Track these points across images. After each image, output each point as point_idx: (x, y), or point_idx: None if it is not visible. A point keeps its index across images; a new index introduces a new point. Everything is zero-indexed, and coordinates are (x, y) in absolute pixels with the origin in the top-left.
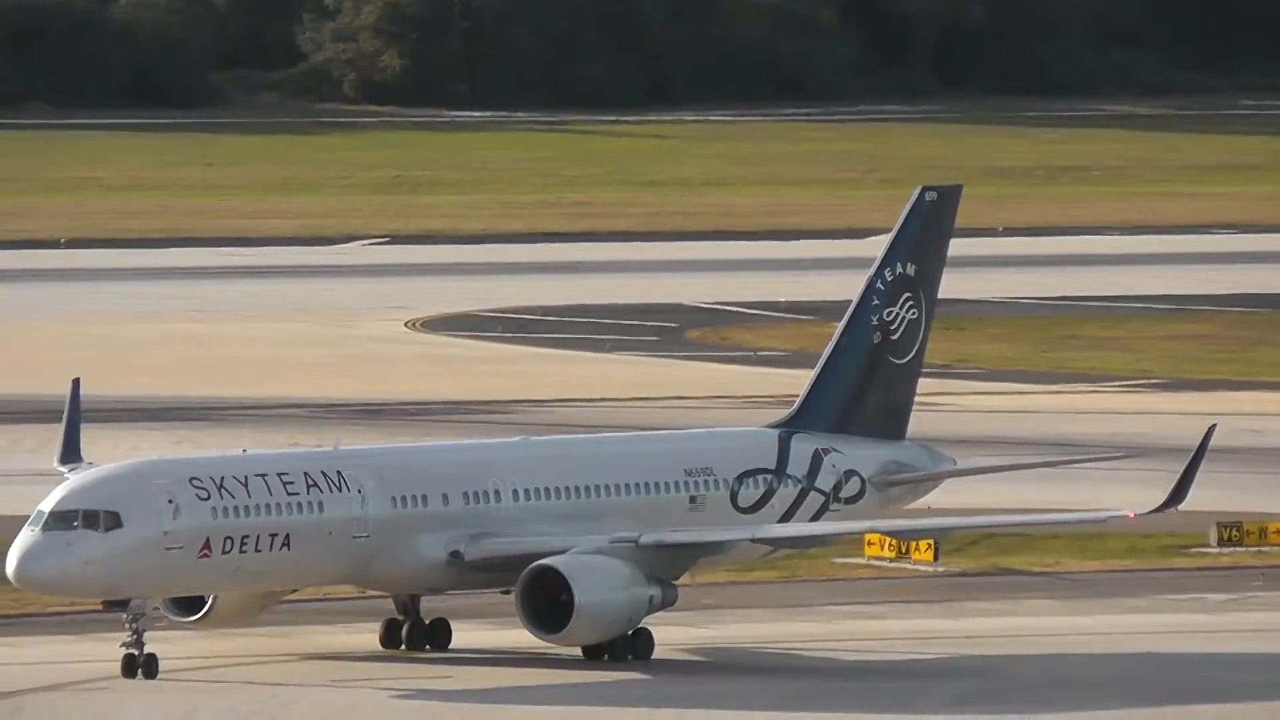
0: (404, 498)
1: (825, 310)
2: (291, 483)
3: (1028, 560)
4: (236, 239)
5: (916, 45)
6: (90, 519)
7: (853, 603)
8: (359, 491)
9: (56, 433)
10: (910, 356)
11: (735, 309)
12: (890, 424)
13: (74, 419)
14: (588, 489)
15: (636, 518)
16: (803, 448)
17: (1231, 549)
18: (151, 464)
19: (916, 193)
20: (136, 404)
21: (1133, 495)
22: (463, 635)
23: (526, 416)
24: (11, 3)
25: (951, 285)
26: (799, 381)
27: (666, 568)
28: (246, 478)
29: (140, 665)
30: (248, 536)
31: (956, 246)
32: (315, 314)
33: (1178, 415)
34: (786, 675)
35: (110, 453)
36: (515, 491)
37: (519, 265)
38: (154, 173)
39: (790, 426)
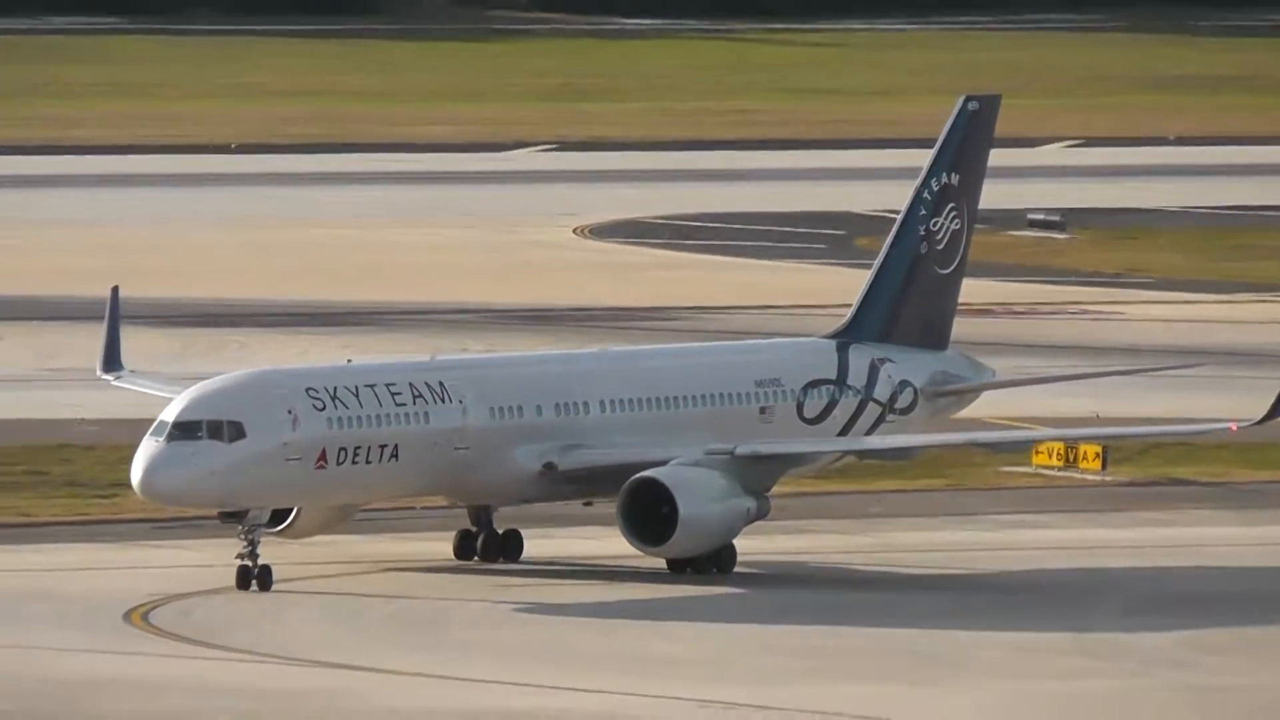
0: (501, 409)
1: (989, 219)
2: (399, 394)
3: (1196, 470)
4: (403, 145)
5: None
6: (214, 429)
7: (1020, 512)
8: (460, 403)
9: (227, 336)
10: (954, 266)
11: None
12: (935, 334)
13: (114, 327)
14: (667, 400)
15: (712, 429)
16: (860, 358)
17: None
18: (269, 374)
19: (960, 102)
20: (304, 308)
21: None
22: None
23: (692, 323)
24: None
25: (1123, 195)
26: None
27: (759, 479)
28: (358, 389)
29: (255, 576)
30: (360, 448)
31: (1124, 155)
32: (482, 220)
33: None
34: (957, 588)
35: (279, 357)
36: (601, 403)
37: (684, 172)
38: (318, 79)
39: (845, 337)
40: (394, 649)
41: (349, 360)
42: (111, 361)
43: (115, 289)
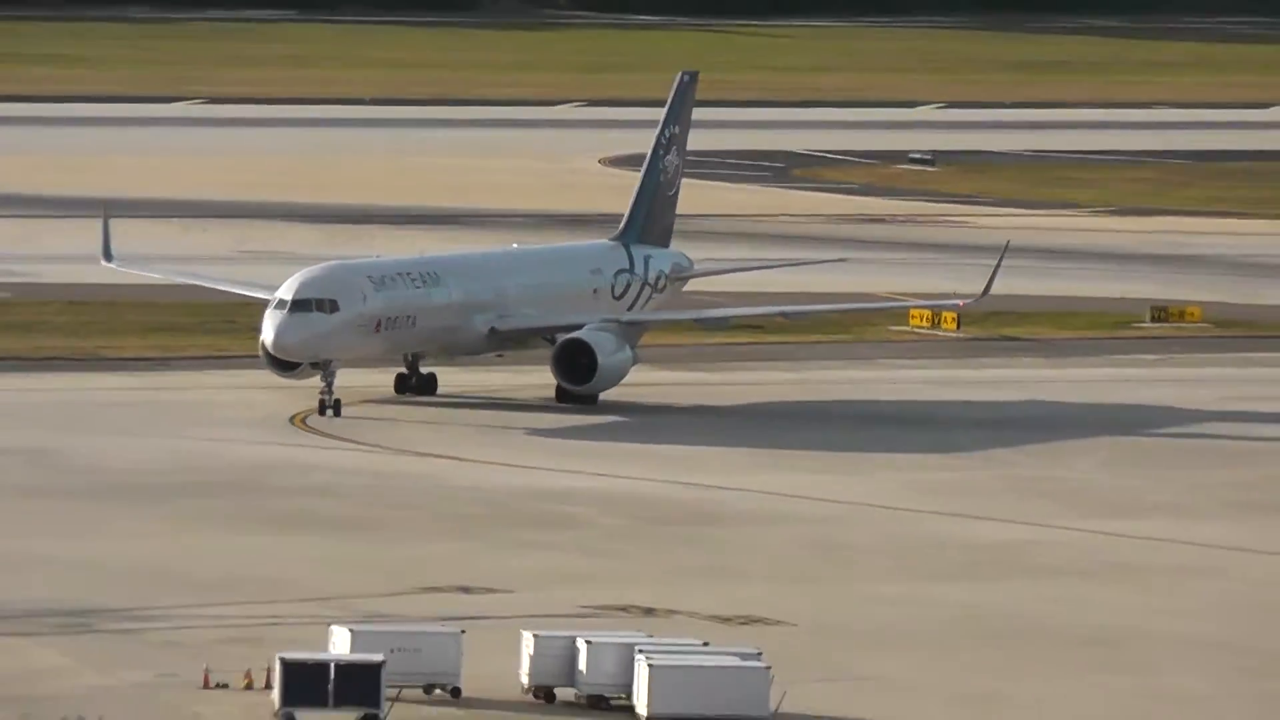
0: (467, 291)
1: (881, 156)
2: (414, 279)
3: (1022, 330)
4: (485, 100)
5: None
6: (320, 305)
7: (900, 357)
8: (447, 287)
9: (364, 231)
10: (674, 190)
11: (837, 156)
12: (666, 236)
13: (106, 232)
14: (546, 284)
15: (571, 305)
16: (636, 254)
17: (1159, 325)
18: (346, 265)
19: (679, 76)
20: (414, 211)
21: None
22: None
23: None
24: None
25: (976, 141)
26: (873, 206)
27: (632, 338)
28: (394, 276)
29: (330, 406)
30: (396, 317)
31: (977, 115)
32: (536, 154)
33: (1118, 232)
34: (860, 412)
35: (401, 247)
36: (514, 286)
37: None
38: (429, 55)
39: (622, 239)
40: (476, 446)
41: (377, 255)
42: (108, 253)
43: (106, 205)
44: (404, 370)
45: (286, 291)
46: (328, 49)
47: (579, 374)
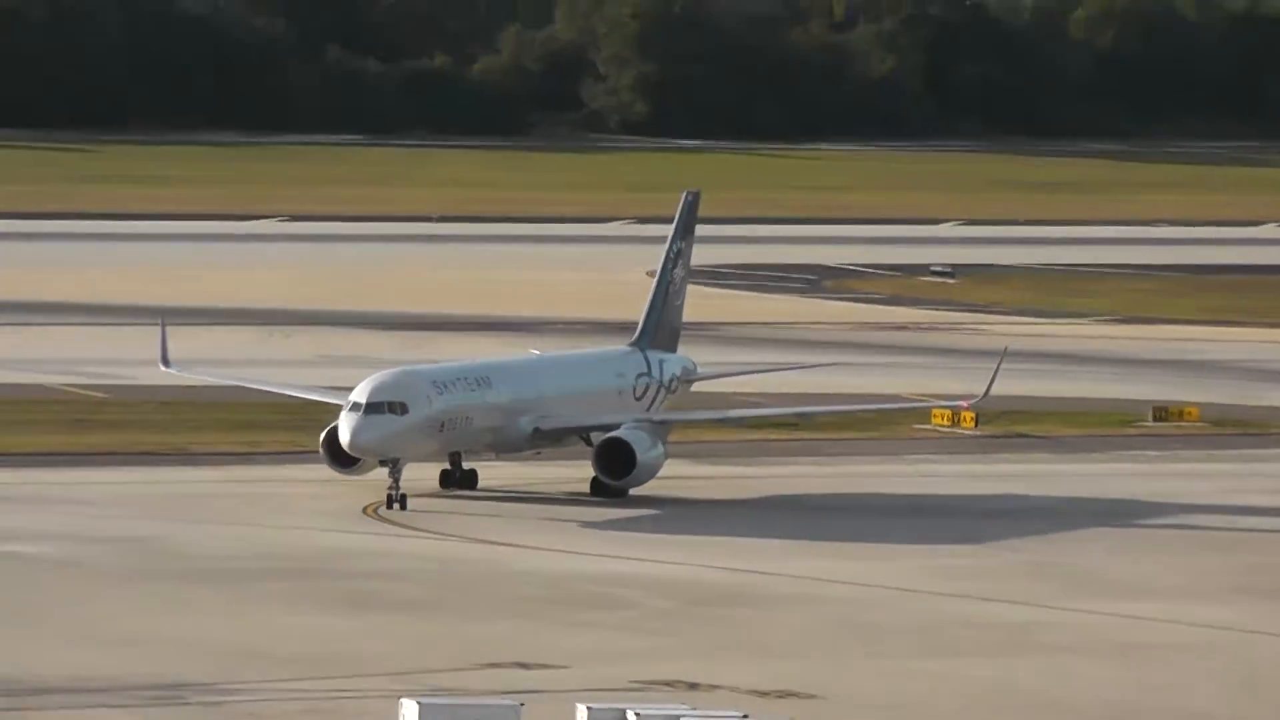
0: (513, 393)
1: (905, 269)
2: (470, 383)
3: (1034, 428)
4: (539, 218)
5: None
6: (392, 407)
7: (925, 453)
8: (497, 389)
9: (430, 337)
10: (681, 300)
11: (865, 269)
12: (674, 342)
13: (164, 339)
14: (579, 387)
15: (603, 405)
16: (652, 358)
17: (1161, 424)
18: (414, 371)
19: (684, 195)
20: (476, 319)
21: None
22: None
23: (724, 331)
24: (412, 67)
25: (991, 256)
26: (897, 314)
27: (662, 436)
28: (454, 381)
29: (396, 500)
30: (456, 418)
31: (993, 231)
32: (588, 267)
33: (1123, 338)
34: (884, 501)
35: (463, 351)
36: (552, 389)
37: (719, 237)
38: (488, 175)
39: (638, 345)
40: (531, 534)
41: (435, 363)
42: (165, 359)
43: (162, 318)
44: (448, 467)
45: (361, 395)
46: (395, 169)
47: (617, 469)
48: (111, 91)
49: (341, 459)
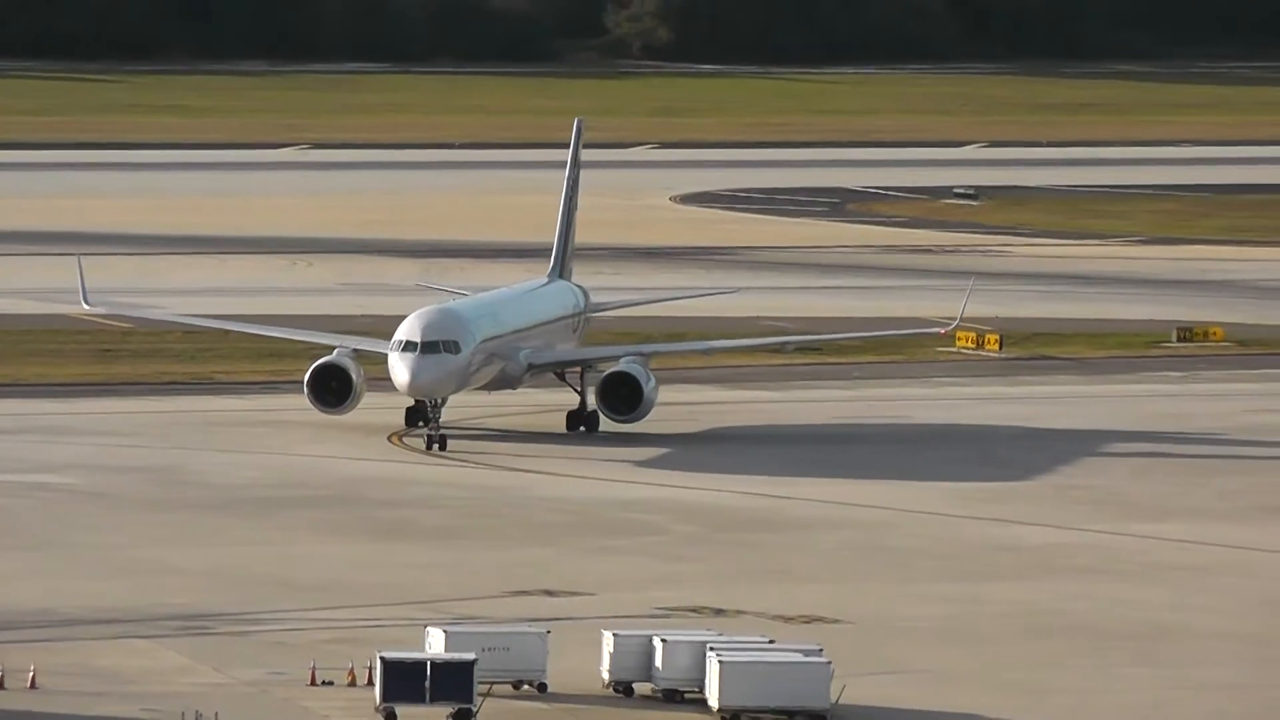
0: (513, 327)
1: (928, 192)
2: (489, 319)
3: (1059, 350)
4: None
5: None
6: (447, 346)
7: (950, 375)
8: (502, 324)
9: (455, 264)
10: (573, 229)
11: (880, 190)
12: (570, 272)
13: (81, 277)
14: (547, 321)
15: (564, 338)
16: (577, 289)
17: (1186, 344)
18: (457, 309)
19: (577, 121)
20: (502, 245)
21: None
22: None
23: (742, 256)
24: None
25: (1015, 177)
26: (921, 237)
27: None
28: (480, 317)
29: (436, 440)
30: (481, 354)
31: (1016, 153)
32: (613, 191)
33: (1148, 259)
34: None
35: (489, 279)
36: (534, 323)
37: (742, 161)
38: (514, 102)
39: (559, 276)
40: (557, 461)
41: (453, 299)
42: (85, 296)
43: (79, 259)
44: (413, 404)
45: (413, 334)
46: (421, 97)
47: (620, 405)
48: (141, 22)
49: (326, 399)
